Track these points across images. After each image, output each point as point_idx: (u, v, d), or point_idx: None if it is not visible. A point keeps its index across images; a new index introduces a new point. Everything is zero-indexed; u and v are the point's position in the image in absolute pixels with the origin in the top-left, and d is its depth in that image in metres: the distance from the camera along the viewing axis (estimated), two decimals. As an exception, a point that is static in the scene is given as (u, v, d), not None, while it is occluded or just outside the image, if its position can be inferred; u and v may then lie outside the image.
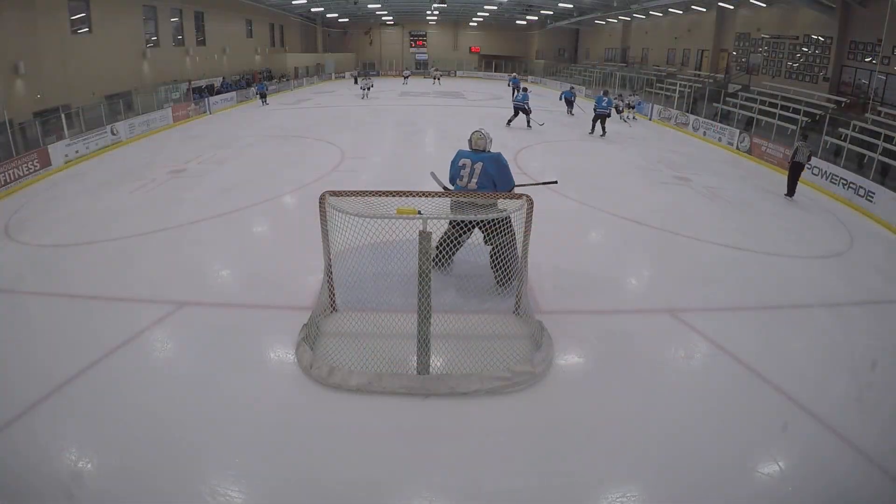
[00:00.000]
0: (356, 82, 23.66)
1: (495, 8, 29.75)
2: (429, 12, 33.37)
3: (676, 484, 3.00)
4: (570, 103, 18.77)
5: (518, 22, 36.02)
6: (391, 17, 36.77)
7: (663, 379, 3.94)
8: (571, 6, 26.84)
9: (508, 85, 23.74)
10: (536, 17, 32.88)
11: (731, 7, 19.42)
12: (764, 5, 17.44)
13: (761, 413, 3.58)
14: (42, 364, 3.92)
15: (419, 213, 3.56)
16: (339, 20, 36.73)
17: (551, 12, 30.35)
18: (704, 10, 21.02)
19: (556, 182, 5.79)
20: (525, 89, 15.74)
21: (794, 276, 5.82)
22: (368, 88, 23.11)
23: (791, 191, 9.06)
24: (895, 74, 12.88)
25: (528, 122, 14.82)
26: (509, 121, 15.11)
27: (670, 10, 22.83)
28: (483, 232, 4.68)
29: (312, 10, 30.97)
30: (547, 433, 3.35)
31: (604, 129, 14.05)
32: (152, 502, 2.81)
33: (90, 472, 2.98)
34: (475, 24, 37.93)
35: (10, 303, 4.95)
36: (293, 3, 27.29)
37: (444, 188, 5.09)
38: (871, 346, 4.45)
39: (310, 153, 11.38)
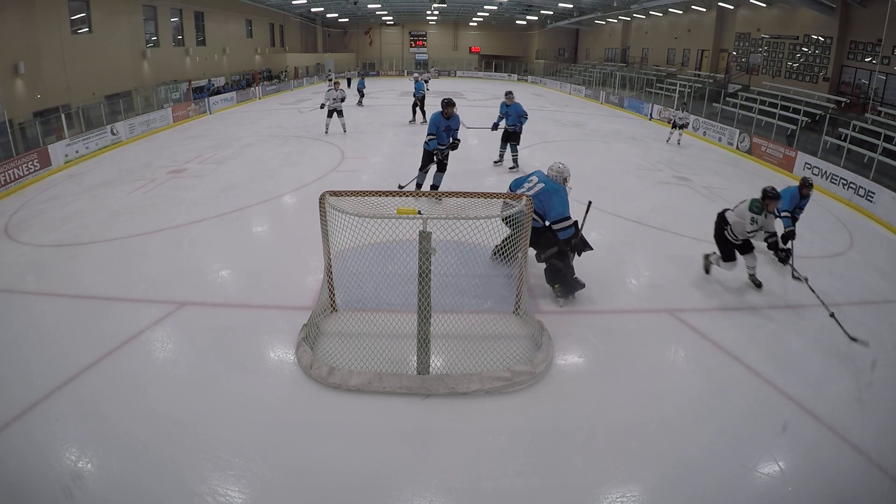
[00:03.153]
0: (329, 82, 14.81)
1: (495, 8, 29.74)
2: (429, 12, 33.36)
3: (676, 484, 3.00)
4: (419, 103, 14.21)
5: (518, 22, 36.04)
6: (391, 17, 36.78)
7: (663, 379, 3.94)
8: (571, 6, 26.85)
9: (415, 96, 15.08)
10: (536, 17, 32.90)
11: (731, 7, 19.43)
12: (764, 5, 17.45)
13: (761, 413, 3.58)
14: (42, 364, 3.92)
15: (419, 213, 3.57)
16: (339, 20, 36.75)
17: (551, 12, 30.36)
18: (704, 10, 21.04)
19: (590, 202, 5.14)
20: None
21: (794, 276, 5.82)
22: (337, 110, 12.85)
23: None
24: (895, 74, 12.88)
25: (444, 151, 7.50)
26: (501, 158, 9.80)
27: (670, 10, 22.84)
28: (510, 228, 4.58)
29: (312, 10, 30.98)
30: (547, 433, 3.36)
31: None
32: (153, 502, 2.81)
33: (90, 472, 2.98)
34: (475, 24, 37.93)
35: (10, 303, 4.95)
36: (293, 3, 27.30)
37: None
38: (870, 346, 4.45)
39: (310, 153, 11.37)
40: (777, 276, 5.75)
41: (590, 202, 5.09)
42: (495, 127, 9.75)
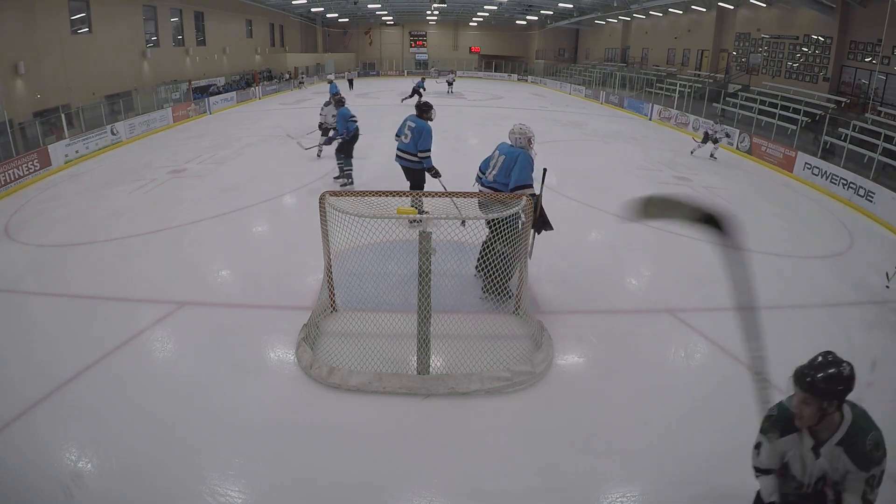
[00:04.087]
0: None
1: (495, 8, 29.73)
2: (429, 12, 33.35)
3: (676, 483, 3.00)
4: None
5: (518, 22, 36.02)
6: (391, 17, 36.76)
7: (663, 379, 3.94)
8: (571, 6, 26.84)
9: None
10: (536, 17, 32.88)
11: (731, 7, 19.42)
12: (764, 5, 17.44)
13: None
14: (42, 364, 3.92)
15: (419, 213, 3.57)
16: (339, 20, 36.72)
17: (551, 12, 30.35)
18: (704, 10, 21.03)
19: (545, 169, 4.67)
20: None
21: (794, 276, 5.82)
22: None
23: None
24: (895, 74, 12.88)
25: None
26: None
27: (670, 10, 22.83)
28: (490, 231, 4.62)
29: (312, 10, 30.97)
30: (547, 433, 3.35)
31: None
32: (152, 502, 2.81)
33: (90, 472, 2.98)
34: (475, 24, 37.91)
35: (10, 303, 4.95)
36: (293, 3, 27.29)
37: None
38: (870, 346, 4.45)
39: (310, 153, 11.36)
40: (787, 271, 5.75)
41: (545, 169, 4.56)
42: (329, 142, 8.65)
